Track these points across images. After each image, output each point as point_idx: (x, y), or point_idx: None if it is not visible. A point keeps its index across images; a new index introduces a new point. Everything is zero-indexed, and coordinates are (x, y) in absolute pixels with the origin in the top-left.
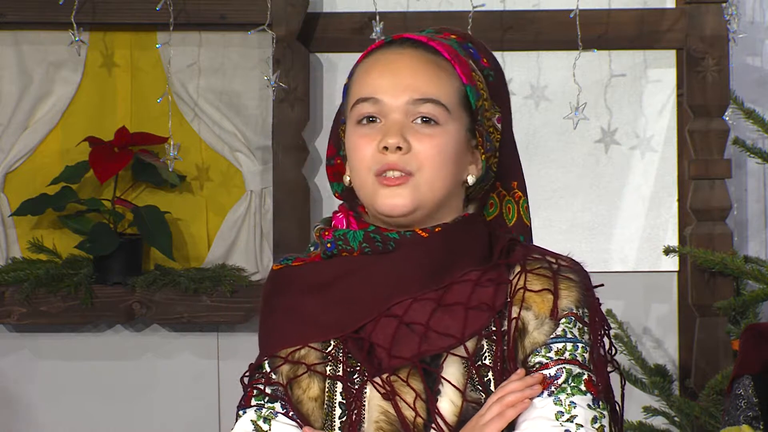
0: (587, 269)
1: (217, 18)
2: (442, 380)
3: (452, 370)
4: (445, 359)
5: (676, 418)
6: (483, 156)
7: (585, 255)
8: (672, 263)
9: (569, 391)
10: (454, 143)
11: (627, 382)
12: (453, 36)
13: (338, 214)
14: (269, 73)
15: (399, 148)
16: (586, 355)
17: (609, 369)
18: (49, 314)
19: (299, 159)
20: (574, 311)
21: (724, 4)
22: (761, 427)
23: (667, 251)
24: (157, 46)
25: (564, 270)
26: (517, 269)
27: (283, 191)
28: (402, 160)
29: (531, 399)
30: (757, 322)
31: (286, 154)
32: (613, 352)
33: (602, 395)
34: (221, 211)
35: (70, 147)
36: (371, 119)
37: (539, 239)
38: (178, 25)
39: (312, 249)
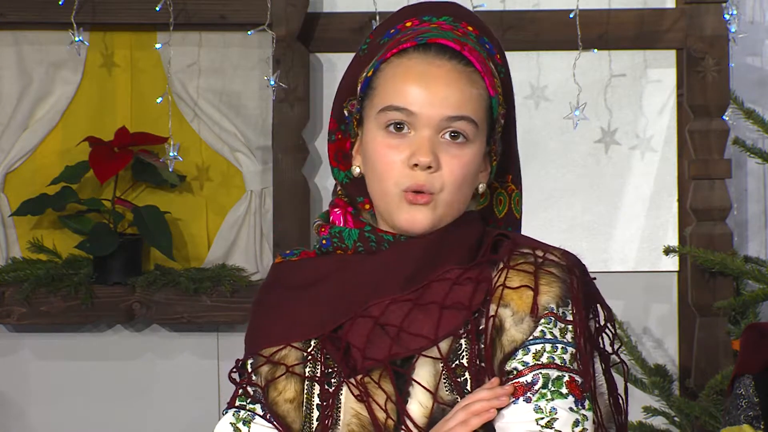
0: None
1: (217, 18)
2: (413, 382)
3: (423, 372)
4: (416, 361)
5: (676, 418)
6: (494, 162)
7: (585, 255)
8: (672, 263)
9: (549, 396)
10: (477, 160)
11: (627, 382)
12: (470, 28)
13: (336, 210)
14: (269, 73)
15: (429, 167)
16: (566, 356)
17: (611, 363)
18: (49, 314)
19: (299, 159)
20: (554, 310)
21: (724, 4)
22: (762, 427)
23: (667, 251)
24: (157, 46)
25: (548, 264)
26: (501, 265)
27: (283, 191)
28: (429, 180)
29: (498, 409)
30: (757, 322)
31: (286, 154)
32: (618, 345)
33: (587, 395)
34: (221, 211)
35: (70, 147)
36: (399, 126)
37: (539, 239)
38: (178, 25)
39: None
